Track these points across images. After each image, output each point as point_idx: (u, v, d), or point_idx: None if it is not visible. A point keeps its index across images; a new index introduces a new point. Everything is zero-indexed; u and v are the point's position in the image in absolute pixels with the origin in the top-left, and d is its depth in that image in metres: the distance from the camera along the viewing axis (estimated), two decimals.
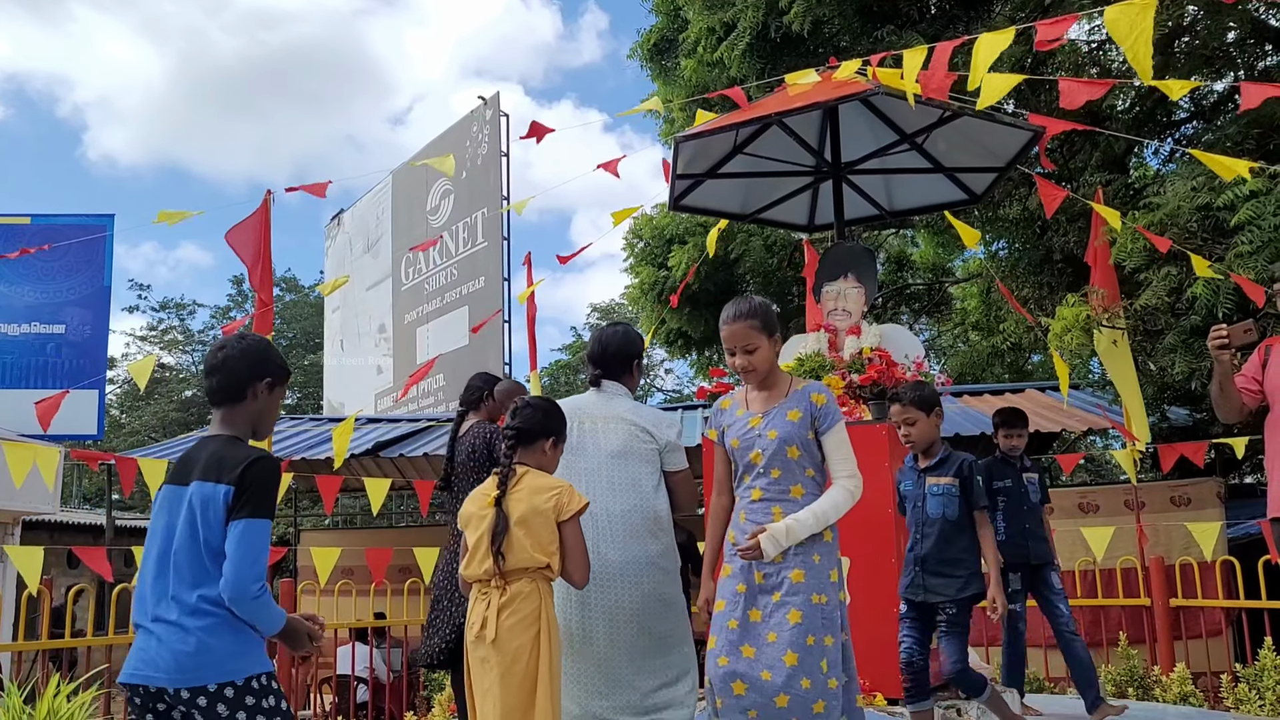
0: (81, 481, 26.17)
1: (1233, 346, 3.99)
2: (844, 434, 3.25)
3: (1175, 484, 9.25)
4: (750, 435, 3.25)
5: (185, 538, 2.62)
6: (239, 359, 2.83)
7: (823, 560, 3.16)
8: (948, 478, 4.12)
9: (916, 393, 4.14)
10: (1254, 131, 7.53)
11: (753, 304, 3.26)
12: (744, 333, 3.20)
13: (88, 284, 12.82)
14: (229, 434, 2.80)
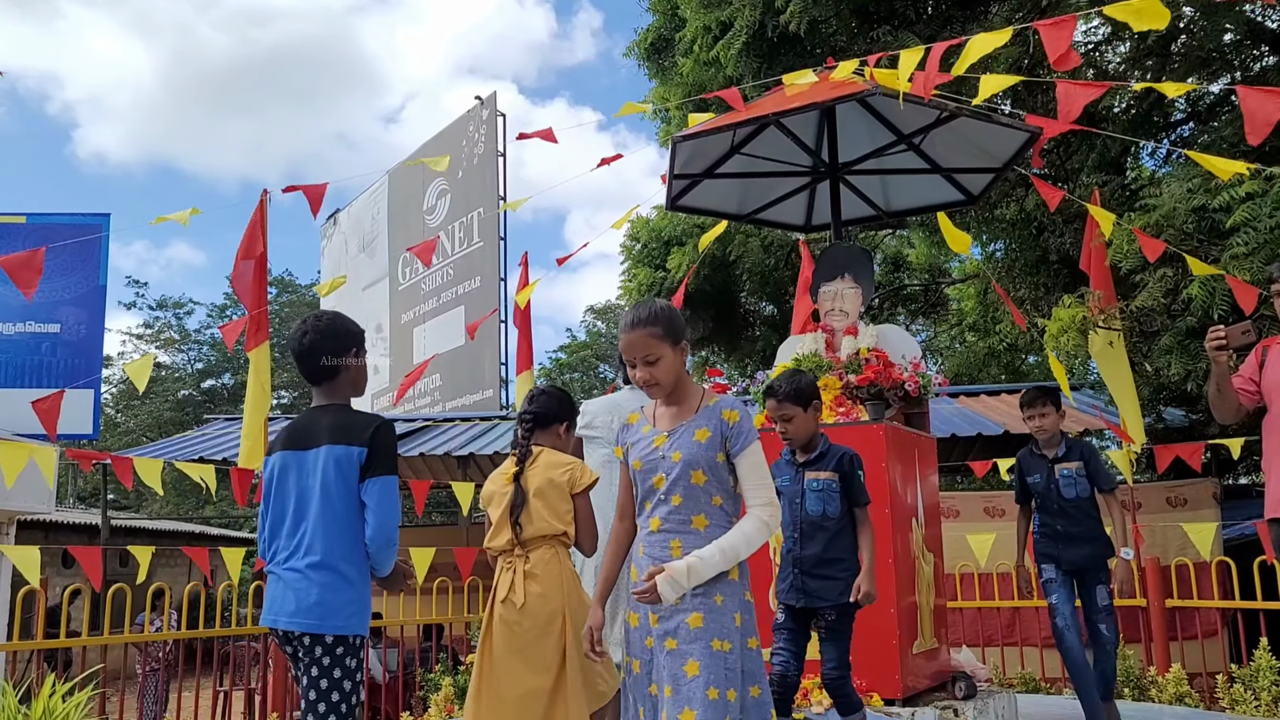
0: (77, 481, 26.11)
1: (1230, 347, 4.00)
2: (759, 456, 2.82)
3: (1171, 485, 9.26)
4: (653, 456, 2.83)
5: (319, 496, 3.01)
6: (322, 341, 3.19)
7: (726, 602, 2.71)
8: (827, 472, 3.77)
9: (792, 386, 3.79)
10: None
11: (654, 309, 2.86)
12: (643, 341, 2.82)
13: (83, 283, 12.79)
14: (338, 403, 3.21)
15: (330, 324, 3.25)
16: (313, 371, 3.21)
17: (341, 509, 3.01)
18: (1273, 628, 6.15)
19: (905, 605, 4.61)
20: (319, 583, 2.96)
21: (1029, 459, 5.21)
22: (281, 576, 3.03)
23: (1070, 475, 5.00)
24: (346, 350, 3.24)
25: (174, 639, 8.72)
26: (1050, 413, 5.05)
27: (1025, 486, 5.20)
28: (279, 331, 32.44)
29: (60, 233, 12.14)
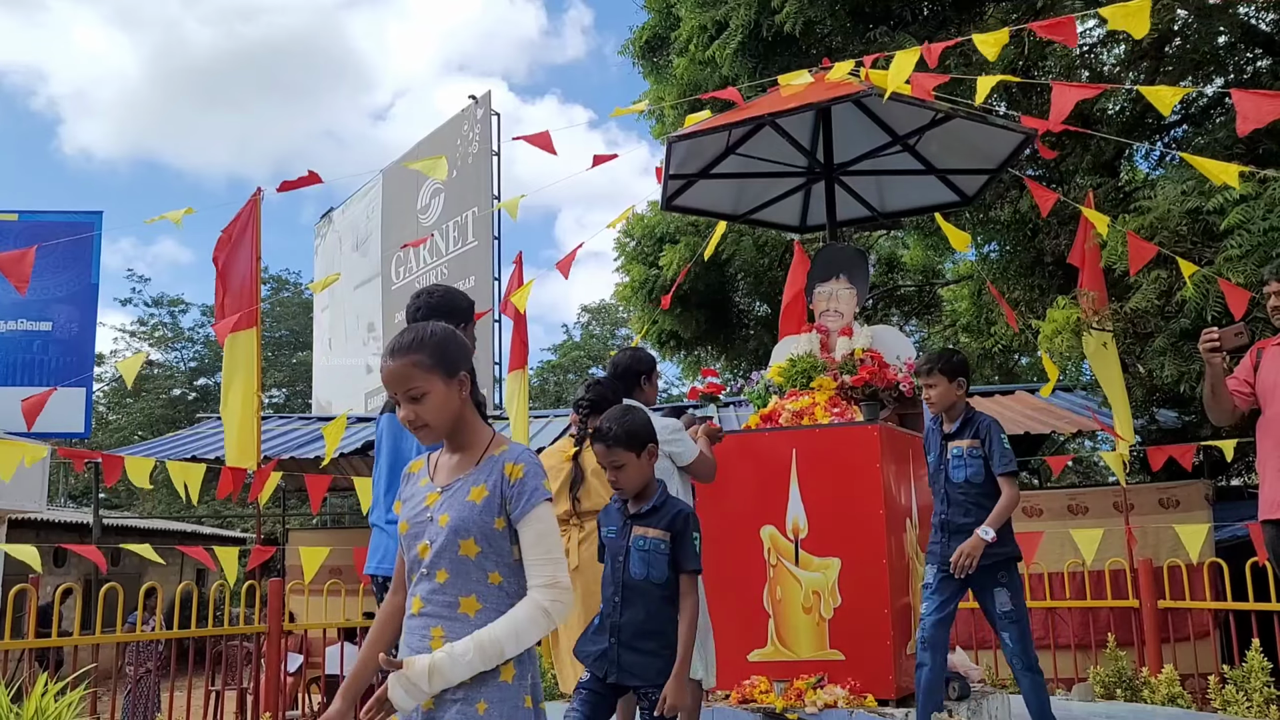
0: (68, 479, 26.03)
1: (1224, 349, 4.03)
2: (548, 523, 2.22)
3: (1164, 486, 9.29)
4: (421, 518, 2.28)
5: (413, 455, 3.23)
6: (435, 312, 3.43)
7: (492, 712, 2.12)
8: (658, 529, 3.18)
9: (622, 428, 3.20)
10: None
11: (419, 334, 2.29)
12: (404, 372, 2.24)
13: (75, 281, 12.76)
14: None
15: (442, 298, 3.53)
16: None
17: None
18: (1265, 629, 6.17)
19: (899, 606, 4.62)
20: None
21: (929, 433, 4.62)
22: (384, 529, 3.37)
23: (961, 455, 4.36)
24: (456, 324, 3.36)
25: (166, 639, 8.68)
26: (939, 382, 4.39)
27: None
28: (273, 331, 32.39)
29: (52, 230, 12.10)
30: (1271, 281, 4.12)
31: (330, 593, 7.25)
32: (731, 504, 4.84)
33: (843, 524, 4.68)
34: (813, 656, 4.63)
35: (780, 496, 4.81)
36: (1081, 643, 7.36)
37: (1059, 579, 7.55)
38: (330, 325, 21.89)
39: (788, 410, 5.06)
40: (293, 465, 10.92)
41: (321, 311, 22.53)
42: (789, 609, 4.73)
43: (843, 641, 4.59)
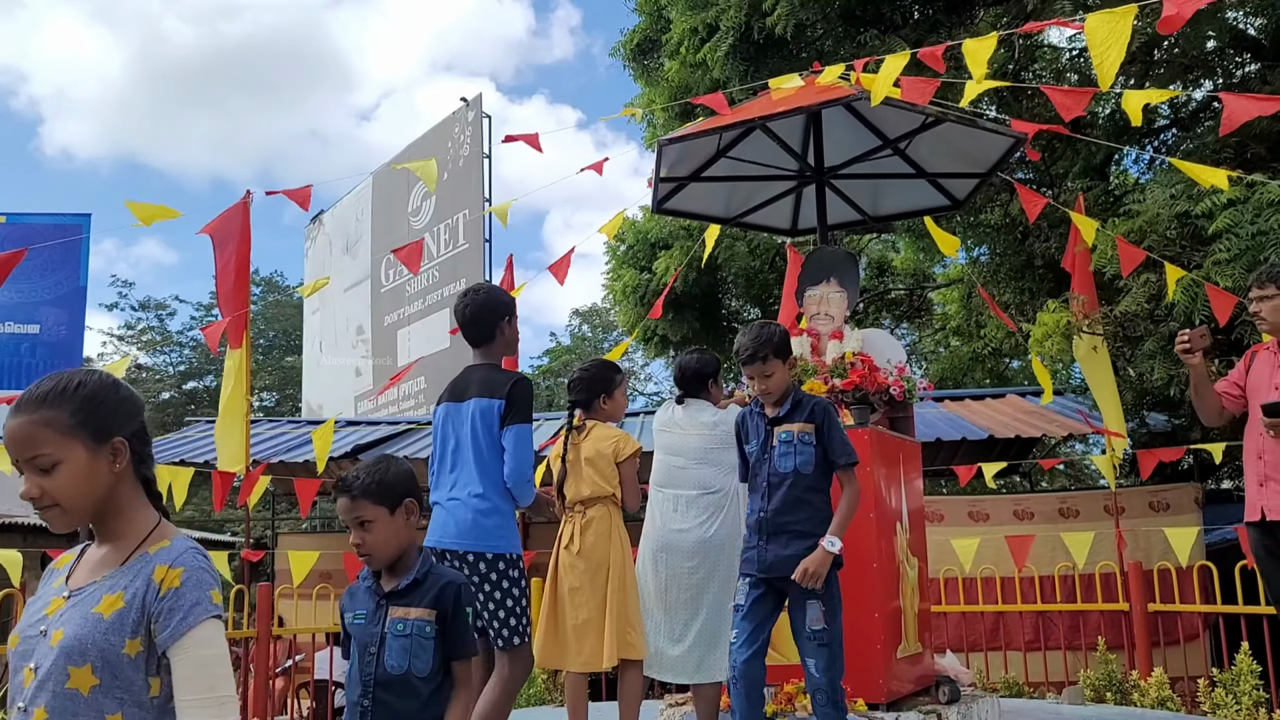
0: None
1: (1194, 350, 4.14)
2: (213, 649, 1.67)
3: (1154, 489, 9.30)
4: (32, 632, 1.72)
5: (470, 440, 3.61)
6: (481, 309, 3.78)
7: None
8: (421, 608, 2.56)
9: (372, 477, 2.57)
10: (1232, 140, 7.60)
11: (61, 385, 1.73)
12: (30, 434, 1.68)
13: (63, 284, 12.69)
14: (489, 363, 3.80)
15: (487, 295, 3.85)
16: (472, 335, 3.82)
17: (487, 451, 3.60)
18: (1254, 632, 6.18)
19: (889, 610, 4.61)
20: (472, 509, 3.56)
21: (747, 420, 3.92)
22: (444, 506, 3.65)
23: (791, 440, 3.68)
24: (500, 317, 3.82)
25: None
26: (776, 368, 3.71)
27: (744, 458, 3.94)
28: (263, 334, 32.29)
29: (40, 233, 12.04)
30: (1253, 288, 4.17)
31: (320, 597, 7.22)
32: None
33: None
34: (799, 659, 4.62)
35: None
36: (1072, 646, 7.37)
37: (1050, 582, 7.56)
38: (321, 328, 21.82)
39: None
40: (282, 469, 10.87)
41: (312, 315, 22.46)
42: None
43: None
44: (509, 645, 3.60)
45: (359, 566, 3.09)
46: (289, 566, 7.17)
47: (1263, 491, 4.06)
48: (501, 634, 3.58)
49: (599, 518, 4.12)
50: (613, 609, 4.00)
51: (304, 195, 6.41)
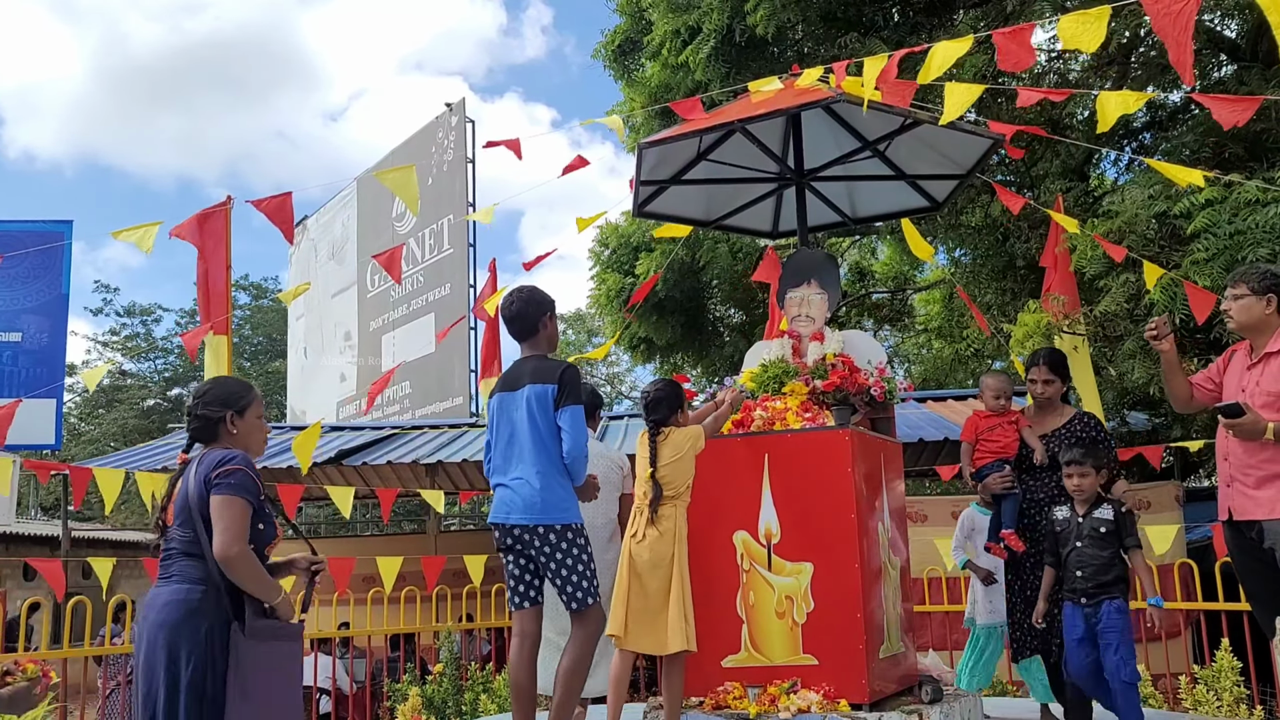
0: (38, 492, 25.72)
1: (1161, 337, 4.30)
2: None
3: (1135, 487, 9.35)
4: None
5: (527, 424, 3.96)
6: (525, 307, 4.16)
7: None
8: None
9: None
10: (1210, 140, 7.65)
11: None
12: None
13: (45, 291, 12.62)
14: (537, 354, 4.16)
15: (531, 294, 4.20)
16: (518, 331, 4.18)
17: (545, 432, 3.94)
18: (1234, 628, 6.22)
19: (871, 610, 4.62)
20: (536, 485, 3.89)
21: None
22: (509, 486, 3.97)
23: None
24: (542, 314, 4.19)
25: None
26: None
27: None
28: (248, 339, 32.15)
29: (21, 240, 11.97)
30: (1228, 287, 4.24)
31: None
32: (704, 509, 4.83)
33: (815, 529, 4.69)
34: (786, 662, 4.63)
35: (752, 502, 4.81)
36: None
37: None
38: (305, 334, 21.75)
39: (759, 416, 5.07)
40: (266, 475, 10.83)
41: (296, 320, 22.39)
42: (762, 614, 4.73)
43: (816, 646, 4.59)
44: (582, 606, 3.98)
45: (344, 572, 3.10)
46: None
47: (1229, 492, 4.13)
48: (575, 596, 3.96)
49: (667, 516, 4.32)
50: (675, 601, 4.23)
51: (284, 204, 6.37)
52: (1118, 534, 4.60)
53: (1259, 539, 4.02)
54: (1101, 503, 4.69)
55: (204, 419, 3.40)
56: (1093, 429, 5.03)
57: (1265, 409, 3.97)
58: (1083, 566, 4.62)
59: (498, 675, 7.22)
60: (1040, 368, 5.13)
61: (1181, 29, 3.93)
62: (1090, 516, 4.68)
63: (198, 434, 3.43)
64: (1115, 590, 4.56)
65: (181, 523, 3.21)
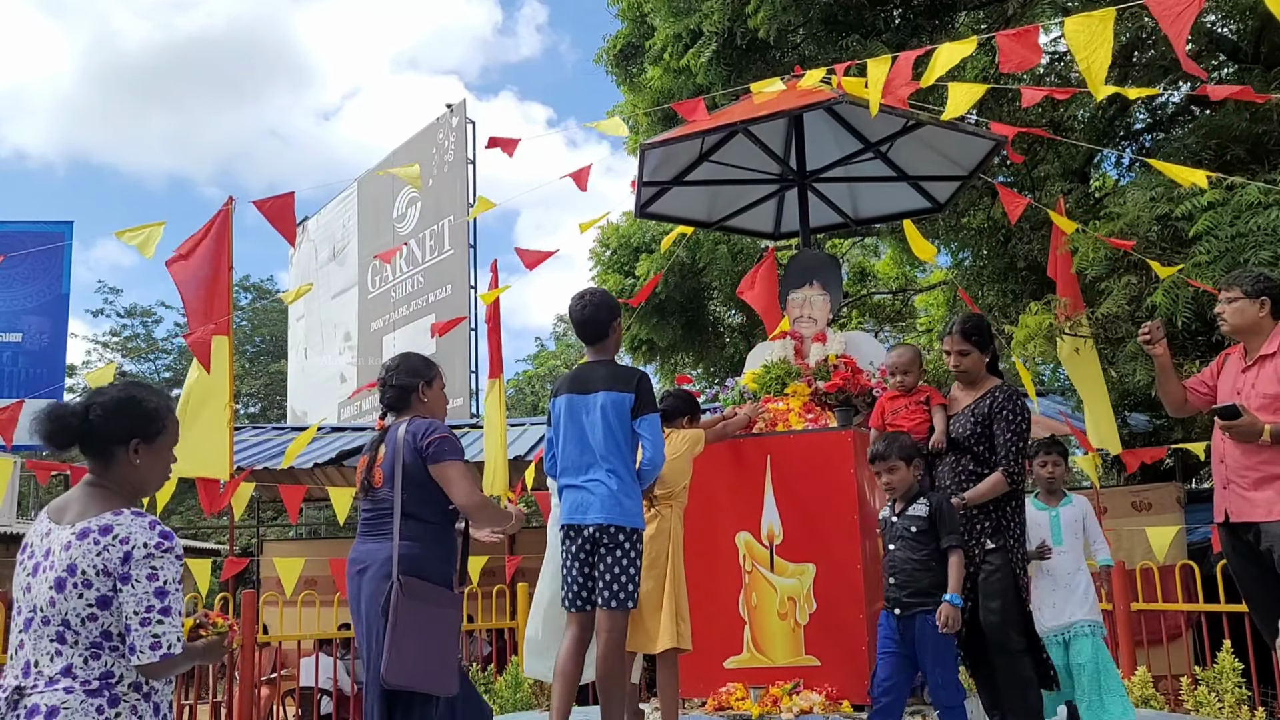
0: (39, 493, 25.73)
1: (1155, 341, 4.26)
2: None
3: (1136, 489, 9.36)
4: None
5: (601, 429, 4.01)
6: (597, 311, 4.17)
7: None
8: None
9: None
10: (1212, 142, 7.65)
11: None
12: None
13: (45, 292, 12.63)
14: (606, 359, 4.19)
15: (602, 297, 4.24)
16: (588, 334, 4.20)
17: (620, 437, 4.01)
18: (1236, 630, 6.22)
19: (874, 611, 4.63)
20: (613, 488, 3.97)
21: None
22: (584, 487, 4.03)
23: None
24: (613, 318, 4.21)
25: None
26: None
27: None
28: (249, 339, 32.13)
29: (22, 241, 11.97)
30: (1222, 290, 4.25)
31: (305, 604, 7.19)
32: (707, 510, 4.83)
33: (817, 530, 4.69)
34: (788, 663, 4.64)
35: (755, 503, 4.82)
36: None
37: None
38: (306, 335, 21.76)
39: (762, 416, 5.07)
40: (267, 476, 10.82)
41: (297, 321, 22.39)
42: (764, 615, 4.73)
43: (818, 647, 4.60)
44: (622, 608, 4.04)
45: (344, 573, 3.17)
46: (275, 574, 7.13)
47: (1225, 494, 4.14)
48: (619, 597, 4.03)
49: (662, 516, 4.37)
50: (668, 601, 4.26)
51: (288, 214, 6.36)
52: (933, 531, 4.02)
53: (1256, 541, 4.03)
54: (919, 497, 4.12)
55: (399, 388, 3.75)
56: (1003, 405, 4.25)
57: (1261, 411, 3.98)
58: (894, 572, 4.07)
59: (499, 676, 7.22)
60: (952, 336, 4.40)
61: (1181, 28, 3.95)
62: (904, 515, 4.12)
63: (393, 403, 3.78)
64: (934, 601, 3.95)
65: (394, 485, 3.55)
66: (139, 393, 2.55)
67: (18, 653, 2.33)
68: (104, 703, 2.26)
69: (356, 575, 3.59)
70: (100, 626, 2.29)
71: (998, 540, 4.16)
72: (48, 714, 2.21)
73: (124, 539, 2.31)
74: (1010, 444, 4.18)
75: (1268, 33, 8.28)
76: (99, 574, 2.28)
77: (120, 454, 2.45)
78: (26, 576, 2.37)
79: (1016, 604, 4.12)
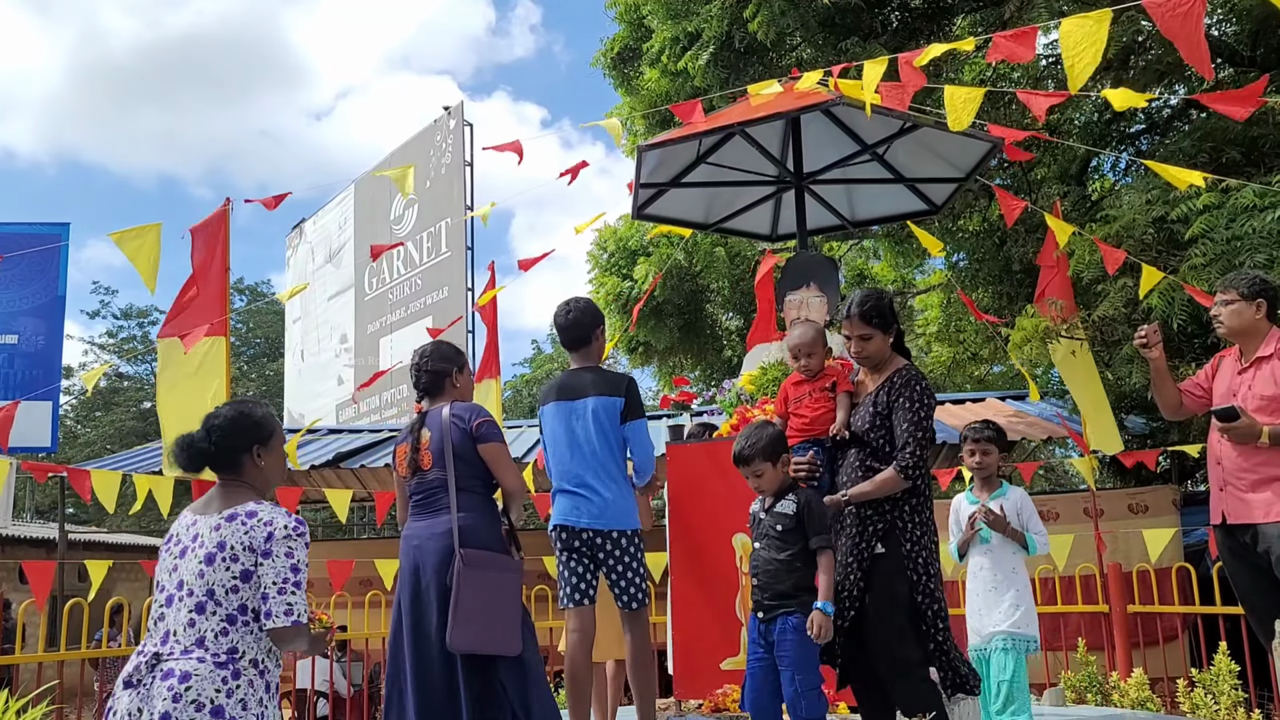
0: (34, 495, 25.68)
1: (1152, 345, 4.26)
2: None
3: (1133, 491, 9.36)
4: None
5: (593, 434, 4.08)
6: (581, 316, 4.27)
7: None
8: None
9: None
10: (1207, 145, 7.67)
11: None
12: None
13: (42, 293, 12.60)
14: (591, 365, 4.26)
15: (587, 305, 4.35)
16: (571, 340, 4.28)
17: (613, 442, 4.09)
18: (1231, 632, 6.22)
19: None
20: (607, 495, 4.06)
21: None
22: (578, 492, 4.10)
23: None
24: (595, 326, 4.31)
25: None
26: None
27: None
28: (247, 341, 32.11)
29: (18, 242, 11.94)
30: (1218, 292, 4.25)
31: None
32: (704, 512, 4.83)
33: None
34: None
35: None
36: (1052, 647, 7.40)
37: (1031, 584, 7.59)
38: (302, 337, 21.74)
39: (758, 417, 5.06)
40: None
41: (293, 323, 22.38)
42: None
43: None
44: (640, 606, 4.16)
45: (341, 574, 3.16)
46: None
47: (1223, 496, 4.15)
48: (636, 597, 4.14)
49: None
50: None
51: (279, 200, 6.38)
52: (800, 530, 3.61)
53: (1253, 542, 4.03)
54: (789, 492, 3.70)
55: (434, 374, 3.96)
56: (900, 391, 3.77)
57: (1259, 413, 3.99)
58: (758, 573, 3.69)
59: None
60: (850, 320, 3.82)
61: (1192, 28, 3.95)
62: (771, 511, 3.71)
63: (428, 389, 3.98)
64: (795, 603, 3.55)
65: (445, 464, 3.75)
66: (245, 408, 2.94)
67: (158, 625, 2.71)
68: (229, 674, 2.60)
69: (414, 550, 3.76)
70: (239, 599, 2.67)
71: (889, 544, 3.67)
72: (181, 678, 2.56)
73: (268, 522, 2.71)
74: (907, 435, 3.66)
75: (1264, 35, 8.31)
76: (245, 550, 2.68)
77: (245, 460, 2.85)
78: (173, 559, 2.75)
79: (910, 616, 3.66)
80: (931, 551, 3.72)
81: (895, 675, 3.63)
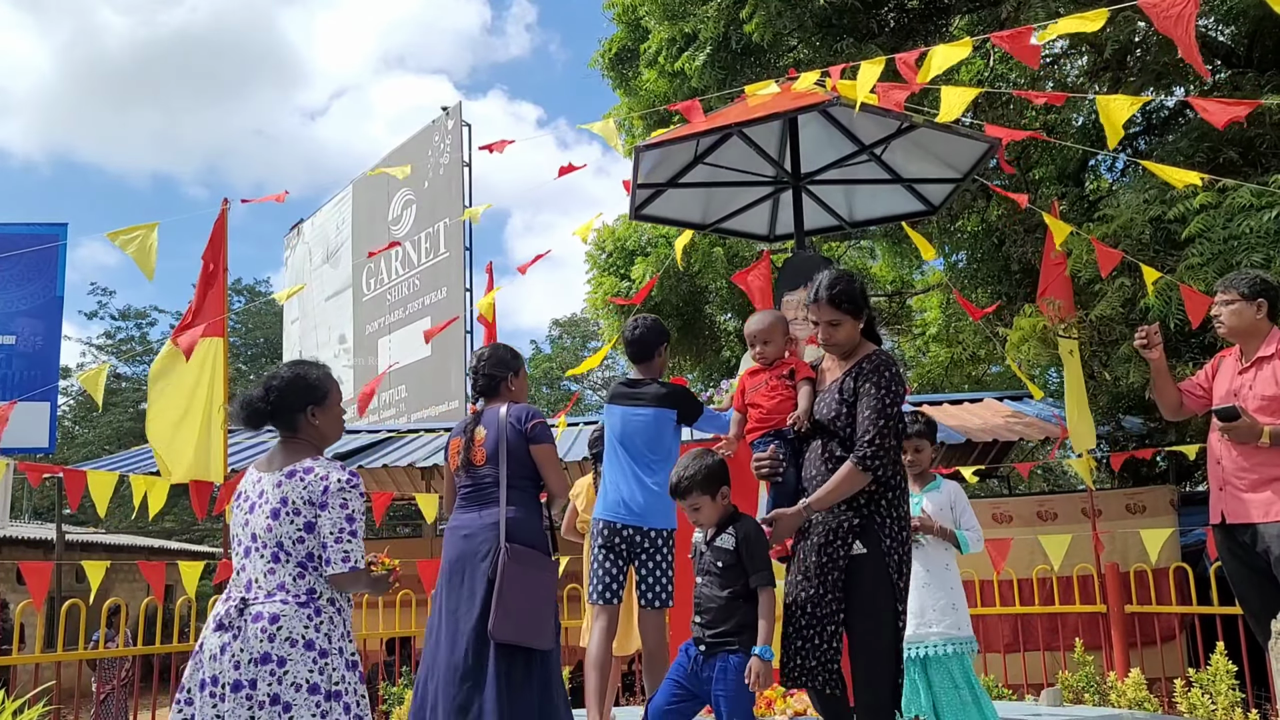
0: (32, 495, 25.66)
1: (1153, 345, 4.27)
2: None
3: (1130, 491, 9.38)
4: None
5: (641, 437, 4.39)
6: (648, 334, 4.56)
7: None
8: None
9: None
10: (1204, 145, 7.68)
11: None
12: None
13: (39, 294, 12.59)
14: (650, 378, 4.53)
15: (654, 323, 4.63)
16: (637, 353, 4.56)
17: (661, 447, 4.38)
18: (1229, 632, 6.23)
19: None
20: (648, 492, 4.30)
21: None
22: (623, 489, 4.36)
23: None
24: (660, 343, 4.60)
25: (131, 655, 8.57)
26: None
27: None
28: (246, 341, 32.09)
29: (15, 242, 11.94)
30: (1218, 292, 4.25)
31: None
32: None
33: None
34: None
35: (750, 504, 4.81)
36: (1051, 647, 7.42)
37: (1028, 585, 7.61)
38: (301, 337, 21.74)
39: None
40: None
41: (291, 324, 22.37)
42: None
43: None
44: (664, 605, 4.36)
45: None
46: None
47: (1222, 495, 4.15)
48: (660, 596, 4.33)
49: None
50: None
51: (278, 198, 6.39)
52: (741, 566, 3.34)
53: (1252, 542, 4.04)
54: (730, 524, 3.43)
55: (491, 377, 4.15)
56: (868, 377, 3.44)
57: (1259, 413, 3.99)
58: (700, 610, 3.41)
59: None
60: (819, 305, 3.53)
61: (1184, 30, 3.96)
62: (712, 545, 3.44)
63: (485, 390, 4.17)
64: (737, 641, 3.29)
65: (498, 461, 3.93)
66: (302, 369, 3.11)
67: (239, 574, 2.94)
68: (311, 612, 2.84)
69: (461, 540, 3.94)
70: (306, 549, 2.88)
71: (868, 542, 3.31)
72: (270, 619, 2.80)
73: (324, 476, 2.91)
74: (868, 423, 3.33)
75: (1261, 36, 8.31)
76: (305, 503, 2.88)
77: (301, 419, 3.05)
78: (245, 514, 2.97)
79: (894, 635, 3.31)
80: (906, 549, 3.38)
81: (868, 694, 3.30)
